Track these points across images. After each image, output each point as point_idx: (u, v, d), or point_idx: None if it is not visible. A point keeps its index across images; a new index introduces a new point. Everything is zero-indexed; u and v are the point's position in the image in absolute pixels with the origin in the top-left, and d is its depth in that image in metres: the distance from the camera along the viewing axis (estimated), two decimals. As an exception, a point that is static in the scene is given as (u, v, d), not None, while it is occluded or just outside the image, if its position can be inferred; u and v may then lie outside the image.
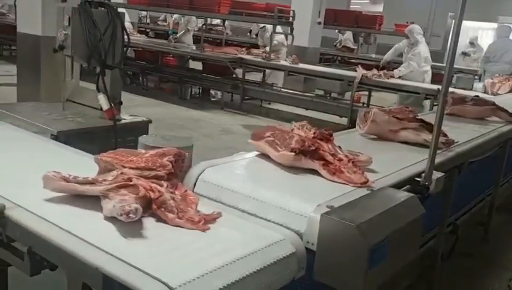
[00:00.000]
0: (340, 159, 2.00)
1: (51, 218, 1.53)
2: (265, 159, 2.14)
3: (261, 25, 10.06)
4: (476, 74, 9.60)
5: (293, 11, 8.89)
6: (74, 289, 1.41)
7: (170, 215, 1.55)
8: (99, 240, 1.42)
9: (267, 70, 9.07)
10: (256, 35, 11.77)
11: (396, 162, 2.33)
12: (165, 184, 1.67)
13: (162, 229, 1.54)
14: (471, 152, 2.90)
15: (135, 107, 6.04)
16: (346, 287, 1.58)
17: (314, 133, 2.14)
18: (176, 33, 10.80)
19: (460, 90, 5.79)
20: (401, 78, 7.48)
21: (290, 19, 8.80)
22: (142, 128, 3.32)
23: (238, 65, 8.83)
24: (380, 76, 7.32)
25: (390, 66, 8.70)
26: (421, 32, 7.80)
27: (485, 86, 6.06)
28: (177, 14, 10.91)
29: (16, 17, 7.88)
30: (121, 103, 3.35)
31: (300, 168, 2.03)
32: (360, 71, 7.44)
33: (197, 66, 10.43)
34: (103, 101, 3.22)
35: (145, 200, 1.53)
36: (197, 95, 10.16)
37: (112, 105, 3.23)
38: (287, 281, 1.53)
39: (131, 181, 1.60)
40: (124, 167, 1.71)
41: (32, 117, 3.09)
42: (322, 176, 1.98)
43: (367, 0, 19.18)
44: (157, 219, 1.58)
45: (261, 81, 9.21)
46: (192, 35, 10.98)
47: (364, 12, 13.83)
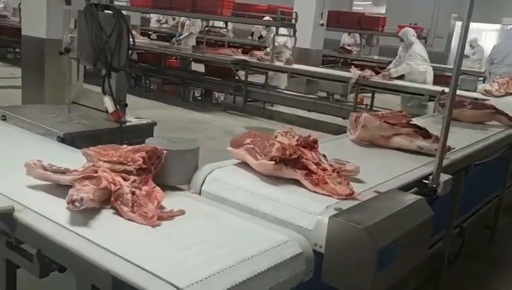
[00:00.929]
0: (324, 169, 1.87)
1: (59, 220, 1.54)
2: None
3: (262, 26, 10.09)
4: (480, 75, 9.59)
5: (296, 13, 8.90)
6: (83, 291, 1.41)
7: (124, 209, 1.60)
8: (108, 241, 1.42)
9: (270, 73, 9.07)
10: (259, 38, 11.79)
11: (386, 171, 2.20)
12: (133, 178, 1.72)
13: (180, 232, 1.55)
14: (478, 154, 2.89)
15: (138, 110, 6.04)
16: (354, 289, 1.58)
17: (297, 140, 2.02)
18: (181, 35, 10.84)
19: (465, 92, 5.79)
20: (403, 79, 7.49)
21: (293, 21, 8.80)
22: (147, 130, 3.33)
23: (241, 67, 8.84)
24: (379, 77, 7.32)
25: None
26: (415, 34, 7.95)
27: (485, 88, 6.01)
28: (183, 17, 10.93)
29: (21, 20, 7.91)
30: (126, 105, 3.36)
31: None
32: (354, 72, 7.44)
33: (199, 68, 10.45)
34: (109, 103, 3.23)
35: (106, 192, 1.62)
36: (199, 97, 10.17)
37: (118, 107, 3.24)
38: (295, 283, 1.52)
39: (96, 173, 1.68)
40: (100, 160, 1.79)
41: (39, 119, 3.10)
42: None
43: (369, 2, 19.18)
44: (163, 221, 1.59)
45: (263, 83, 9.21)
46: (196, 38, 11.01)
47: (367, 14, 13.84)
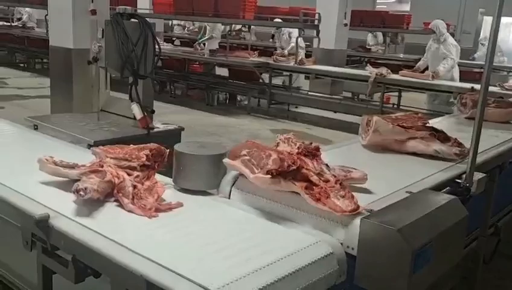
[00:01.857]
0: (326, 180, 1.70)
1: (93, 226, 1.57)
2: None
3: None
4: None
5: (319, 14, 8.86)
6: (118, 295, 1.43)
7: (125, 200, 1.72)
8: (141, 246, 1.44)
9: (294, 75, 9.05)
10: (272, 37, 11.73)
11: (398, 179, 2.06)
12: (136, 174, 1.86)
13: (211, 235, 1.56)
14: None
15: (164, 115, 6.11)
16: (389, 292, 1.55)
17: (298, 148, 1.88)
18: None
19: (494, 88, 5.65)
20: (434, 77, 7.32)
21: (316, 22, 8.76)
22: (175, 136, 3.36)
23: (264, 70, 8.85)
24: (405, 75, 7.18)
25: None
26: (445, 26, 7.63)
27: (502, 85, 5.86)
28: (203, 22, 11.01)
29: (48, 31, 8.11)
30: (153, 111, 3.40)
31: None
32: (370, 70, 7.32)
33: (224, 72, 10.50)
34: (136, 110, 3.27)
35: (110, 185, 1.76)
36: (223, 101, 10.22)
37: (145, 114, 3.28)
38: (328, 285, 1.51)
39: (102, 167, 1.83)
40: (107, 157, 1.94)
41: (69, 128, 3.16)
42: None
43: (393, 0, 18.94)
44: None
45: (287, 85, 9.19)
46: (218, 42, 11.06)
47: (391, 12, 13.67)
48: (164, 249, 1.45)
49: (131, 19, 3.28)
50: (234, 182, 1.95)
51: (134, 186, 1.77)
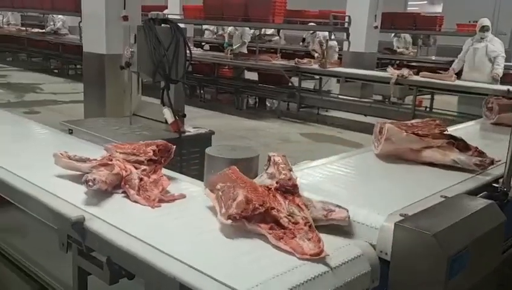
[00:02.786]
0: (296, 222, 1.57)
1: (128, 228, 1.59)
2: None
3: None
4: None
5: (349, 17, 8.80)
6: (151, 297, 1.44)
7: (131, 191, 1.83)
8: (175, 249, 1.45)
9: (325, 78, 9.01)
10: (302, 41, 11.69)
11: (408, 194, 1.90)
12: (143, 167, 1.98)
13: (242, 238, 1.57)
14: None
15: (194, 119, 6.14)
16: (424, 298, 1.52)
17: (277, 182, 1.72)
18: (231, 45, 10.97)
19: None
20: (461, 77, 7.16)
21: (346, 25, 8.70)
22: (205, 139, 3.38)
23: (294, 74, 8.83)
24: (425, 76, 7.05)
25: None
26: None
27: None
28: (231, 27, 11.08)
29: (81, 38, 8.32)
30: (184, 115, 3.43)
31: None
32: (392, 71, 7.19)
33: (253, 76, 10.54)
34: (168, 114, 3.31)
35: (118, 177, 1.88)
36: (253, 105, 10.25)
37: (177, 118, 3.31)
38: (361, 288, 1.49)
39: (111, 161, 1.95)
40: (117, 152, 2.06)
41: (102, 132, 3.23)
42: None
43: (425, 1, 18.62)
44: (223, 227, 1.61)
45: (317, 88, 9.15)
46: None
47: (423, 14, 13.44)
48: (198, 252, 1.46)
49: (162, 24, 3.33)
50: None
51: (141, 179, 1.90)
